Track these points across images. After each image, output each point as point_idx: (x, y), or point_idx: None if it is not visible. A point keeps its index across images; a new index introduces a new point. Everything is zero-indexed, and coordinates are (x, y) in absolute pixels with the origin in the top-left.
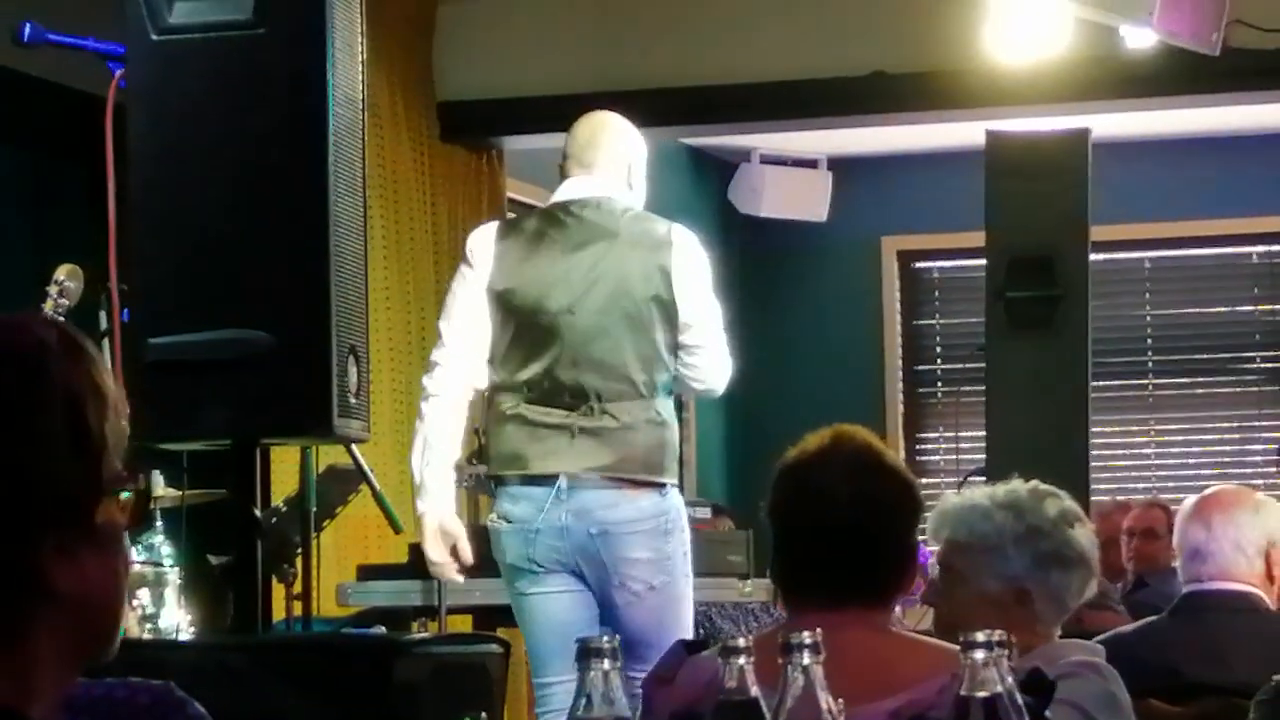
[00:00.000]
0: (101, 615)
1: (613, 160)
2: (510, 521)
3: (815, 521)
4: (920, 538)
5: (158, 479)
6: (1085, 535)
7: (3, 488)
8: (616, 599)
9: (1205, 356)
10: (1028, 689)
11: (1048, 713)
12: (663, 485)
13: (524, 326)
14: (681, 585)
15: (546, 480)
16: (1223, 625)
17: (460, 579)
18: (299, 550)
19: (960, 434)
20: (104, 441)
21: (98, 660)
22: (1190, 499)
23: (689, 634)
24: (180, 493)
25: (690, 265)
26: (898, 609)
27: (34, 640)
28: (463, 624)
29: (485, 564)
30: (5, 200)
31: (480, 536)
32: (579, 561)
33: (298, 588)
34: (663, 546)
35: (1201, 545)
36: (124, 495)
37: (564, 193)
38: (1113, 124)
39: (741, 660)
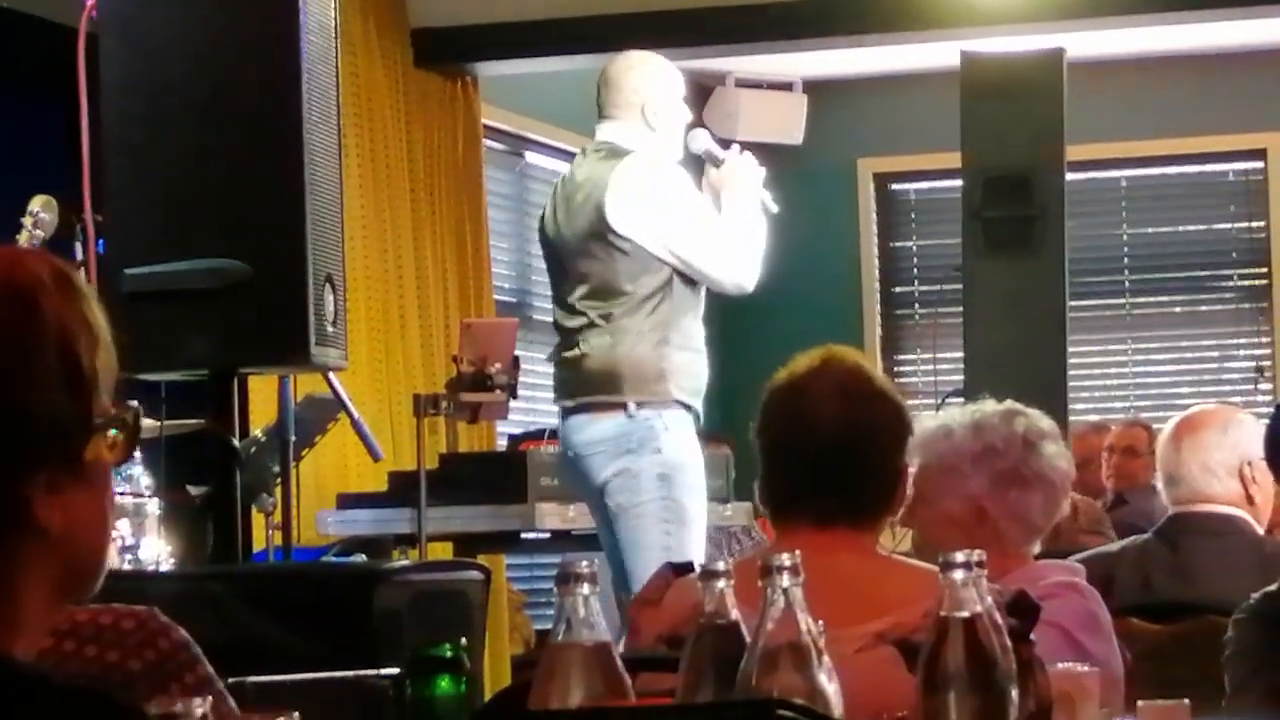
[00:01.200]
0: (87, 552)
1: (624, 105)
2: None
3: (804, 443)
4: None
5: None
6: (1052, 454)
7: None
8: (603, 517)
9: (1182, 275)
10: (1013, 612)
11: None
12: (624, 405)
13: (549, 271)
14: (654, 507)
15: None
16: (1203, 547)
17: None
18: (278, 480)
19: (938, 355)
20: (95, 379)
21: (82, 597)
22: (1172, 420)
23: (675, 556)
24: (158, 423)
25: (625, 200)
26: None
27: (19, 577)
28: (443, 551)
29: (465, 493)
30: None
31: (455, 461)
32: (582, 488)
33: (277, 517)
34: (630, 466)
35: (1173, 469)
36: (114, 433)
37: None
38: (1088, 43)
39: (721, 583)
